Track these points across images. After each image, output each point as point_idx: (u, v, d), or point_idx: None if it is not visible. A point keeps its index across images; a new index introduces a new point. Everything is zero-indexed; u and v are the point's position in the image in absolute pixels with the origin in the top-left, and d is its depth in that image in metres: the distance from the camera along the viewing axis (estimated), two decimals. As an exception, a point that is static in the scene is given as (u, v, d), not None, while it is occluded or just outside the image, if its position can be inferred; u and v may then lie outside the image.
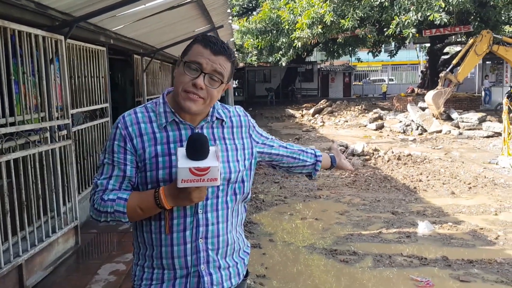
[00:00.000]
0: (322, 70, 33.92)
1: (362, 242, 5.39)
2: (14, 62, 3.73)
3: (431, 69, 23.21)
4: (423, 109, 16.49)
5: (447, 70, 16.34)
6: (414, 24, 15.51)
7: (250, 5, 30.44)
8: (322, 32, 17.69)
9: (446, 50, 27.21)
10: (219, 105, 1.64)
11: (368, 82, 36.71)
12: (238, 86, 33.12)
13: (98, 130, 5.90)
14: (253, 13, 28.80)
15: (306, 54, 29.21)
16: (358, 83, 35.90)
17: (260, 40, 21.71)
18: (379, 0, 16.50)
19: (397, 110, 19.83)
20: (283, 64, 23.07)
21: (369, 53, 27.01)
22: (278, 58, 22.65)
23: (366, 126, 16.84)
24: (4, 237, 3.57)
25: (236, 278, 1.63)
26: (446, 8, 15.25)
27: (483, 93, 21.23)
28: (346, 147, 10.95)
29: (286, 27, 19.73)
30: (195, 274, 1.52)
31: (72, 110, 4.82)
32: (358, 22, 16.86)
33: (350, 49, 25.71)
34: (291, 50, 21.09)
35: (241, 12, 29.56)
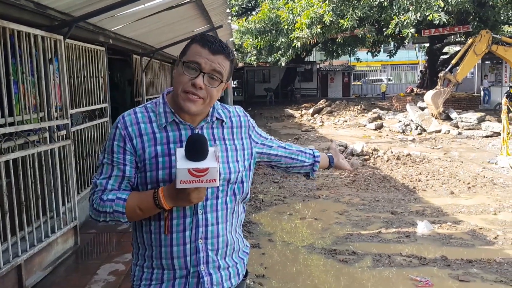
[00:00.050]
0: (321, 70, 33.93)
1: (362, 242, 5.39)
2: (13, 62, 3.72)
3: (430, 69, 23.22)
4: (422, 109, 16.50)
5: (446, 70, 16.35)
6: (413, 24, 15.51)
7: (249, 5, 30.43)
8: (321, 32, 17.69)
9: (445, 50, 27.23)
10: (219, 105, 1.64)
11: (366, 82, 36.73)
12: (237, 86, 33.15)
13: (97, 130, 5.90)
14: (252, 13, 28.79)
15: (305, 54, 29.21)
16: (357, 83, 35.92)
17: (259, 40, 21.71)
18: (378, 0, 16.51)
19: (396, 110, 19.84)
20: (283, 64, 23.06)
21: (368, 53, 27.05)
22: (278, 58, 22.65)
23: (365, 126, 16.85)
24: (3, 237, 3.56)
25: (235, 278, 1.63)
26: (445, 8, 15.26)
27: (482, 93, 21.24)
28: (345, 147, 10.95)
29: (285, 27, 19.73)
30: (195, 275, 1.52)
31: (71, 110, 4.82)
32: (357, 22, 16.86)
33: (349, 49, 25.75)
34: (290, 50, 21.09)
35: (240, 12, 29.56)
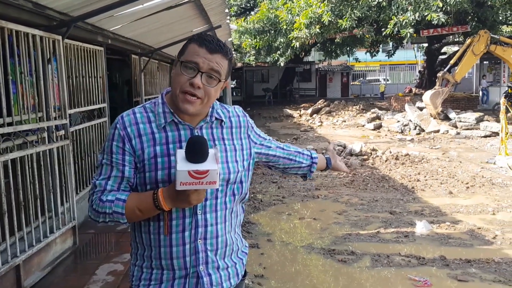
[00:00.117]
0: (320, 70, 33.93)
1: (360, 242, 5.39)
2: (12, 62, 3.72)
3: (429, 69, 23.27)
4: (421, 109, 16.52)
5: (445, 70, 16.37)
6: (412, 24, 15.54)
7: (248, 5, 30.42)
8: (320, 32, 17.71)
9: (444, 50, 27.28)
10: (218, 105, 1.64)
11: (364, 82, 36.76)
12: (236, 86, 33.13)
13: (96, 130, 5.89)
14: (251, 13, 28.81)
15: (304, 54, 29.24)
16: (356, 83, 35.95)
17: (258, 40, 21.72)
18: (377, 0, 16.52)
19: (395, 110, 19.86)
20: (281, 64, 23.07)
21: (367, 53, 27.08)
22: (276, 58, 22.66)
23: (364, 126, 16.86)
24: (1, 237, 3.56)
25: (235, 278, 1.63)
26: (443, 8, 15.28)
27: (481, 93, 21.27)
28: (344, 147, 10.95)
29: (284, 27, 19.74)
30: (194, 275, 1.52)
31: (69, 110, 4.81)
32: (356, 22, 16.88)
33: (348, 49, 25.77)
34: (289, 50, 21.10)
35: (239, 12, 29.54)
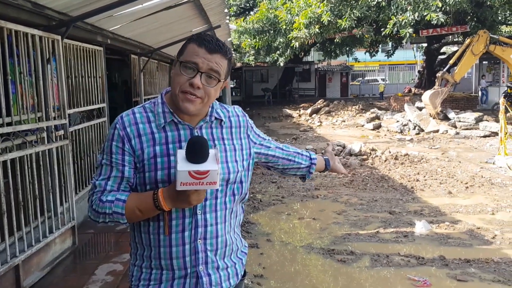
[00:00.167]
0: (320, 70, 33.92)
1: (360, 242, 5.39)
2: (11, 62, 3.72)
3: (428, 69, 23.27)
4: (420, 109, 16.53)
5: (444, 70, 16.37)
6: (411, 24, 15.54)
7: (248, 5, 30.42)
8: (320, 32, 17.71)
9: (443, 50, 27.29)
10: (218, 105, 1.63)
11: (364, 82, 36.78)
12: (235, 86, 33.12)
13: (95, 130, 5.89)
14: (250, 13, 28.80)
15: (304, 54, 29.23)
16: (355, 83, 35.95)
17: (257, 40, 21.70)
18: (376, 0, 16.53)
19: (394, 110, 19.86)
20: (281, 64, 23.06)
21: (366, 53, 27.08)
22: (276, 58, 22.66)
23: (363, 126, 16.85)
24: (1, 237, 3.56)
25: (234, 278, 1.63)
26: (443, 8, 15.29)
27: (480, 93, 21.29)
28: (344, 147, 10.95)
29: (284, 27, 19.74)
30: (194, 275, 1.52)
31: (69, 110, 4.81)
32: (355, 22, 16.88)
33: (347, 49, 25.77)
34: (289, 50, 21.09)
35: (238, 12, 29.54)
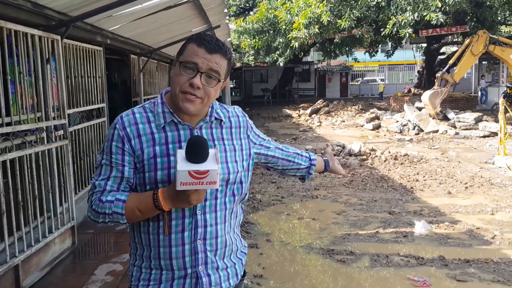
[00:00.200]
0: (319, 70, 33.94)
1: (359, 242, 5.39)
2: (10, 62, 3.71)
3: (428, 69, 23.28)
4: (420, 109, 16.53)
5: (444, 70, 16.37)
6: (411, 24, 15.54)
7: (247, 5, 30.43)
8: (319, 32, 17.71)
9: (443, 50, 27.30)
10: (218, 105, 1.63)
11: (363, 82, 36.80)
12: (235, 86, 33.12)
13: (95, 130, 5.89)
14: (250, 13, 28.82)
15: (303, 54, 29.24)
16: (354, 83, 35.97)
17: (257, 40, 21.70)
18: (376, 0, 16.53)
19: (393, 110, 19.87)
20: (281, 64, 23.06)
21: (366, 53, 27.08)
22: (275, 58, 22.65)
23: (363, 126, 16.86)
24: (0, 237, 3.55)
25: (234, 278, 1.63)
26: (442, 8, 15.29)
27: (480, 93, 21.29)
28: (343, 147, 10.95)
29: (283, 27, 19.74)
30: (193, 275, 1.52)
31: (68, 110, 4.80)
32: (355, 22, 16.88)
33: (347, 49, 25.77)
34: (288, 50, 21.10)
35: (238, 12, 29.55)
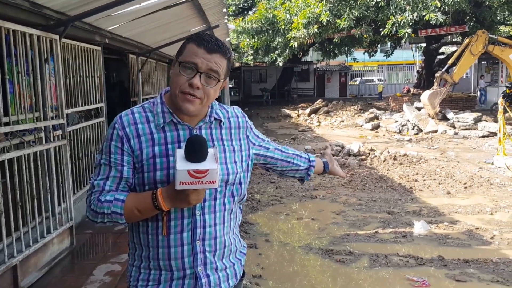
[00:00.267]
0: (318, 70, 33.96)
1: (358, 242, 5.39)
2: (9, 61, 3.70)
3: (427, 69, 23.29)
4: (419, 109, 16.54)
5: (443, 70, 16.38)
6: (410, 24, 15.55)
7: (246, 4, 30.45)
8: (318, 32, 17.71)
9: (442, 50, 27.33)
10: (217, 105, 1.63)
11: (362, 82, 36.84)
12: (234, 86, 33.12)
13: (93, 130, 5.88)
14: (249, 12, 28.85)
15: (302, 54, 29.25)
16: (352, 83, 35.99)
17: (256, 40, 21.70)
18: (375, 0, 16.53)
19: (393, 110, 19.88)
20: (280, 64, 23.06)
21: (365, 53, 27.08)
22: (274, 58, 22.65)
23: (362, 126, 16.86)
24: (-2, 238, 3.54)
25: (233, 279, 1.62)
26: (441, 8, 15.29)
27: (479, 93, 21.31)
28: (342, 147, 10.95)
29: (282, 27, 19.74)
30: (192, 276, 1.51)
31: (67, 110, 4.79)
32: (354, 22, 16.88)
33: (346, 49, 25.77)
34: (287, 50, 21.10)
35: (237, 11, 29.57)
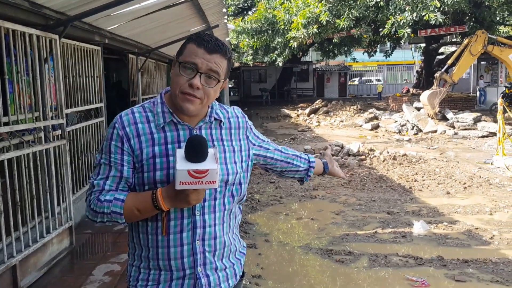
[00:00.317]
0: (318, 70, 33.97)
1: (358, 242, 5.39)
2: (8, 61, 3.70)
3: (426, 69, 23.28)
4: (419, 109, 16.54)
5: (442, 70, 16.38)
6: (409, 24, 15.54)
7: (246, 4, 30.44)
8: (318, 32, 17.70)
9: (441, 50, 27.31)
10: (217, 105, 1.62)
11: (361, 82, 36.86)
12: (233, 86, 33.12)
13: (93, 130, 5.87)
14: (248, 12, 28.84)
15: (302, 54, 29.25)
16: (351, 83, 36.00)
17: (255, 40, 21.68)
18: (375, 0, 16.53)
19: (392, 110, 19.88)
20: (279, 64, 23.05)
21: (364, 53, 27.08)
22: (274, 58, 22.64)
23: (361, 126, 16.86)
24: (-2, 237, 3.54)
25: (233, 279, 1.62)
26: (441, 8, 15.29)
27: (478, 93, 21.31)
28: (342, 147, 10.95)
29: (282, 27, 19.73)
30: (192, 276, 1.51)
31: (66, 109, 4.79)
32: (354, 22, 16.87)
33: (345, 49, 25.78)
34: (287, 50, 21.08)
35: (236, 11, 29.56)
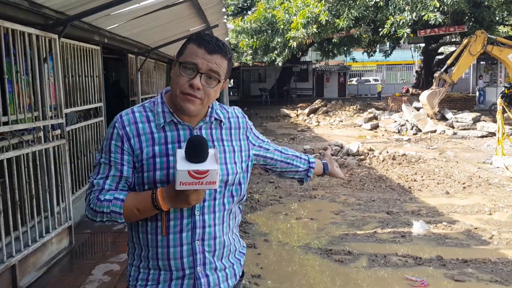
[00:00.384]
0: (317, 70, 33.97)
1: (357, 242, 5.39)
2: (8, 61, 3.70)
3: (426, 69, 23.28)
4: (418, 109, 16.55)
5: (442, 70, 16.39)
6: (409, 24, 15.54)
7: (245, 4, 30.43)
8: (317, 31, 17.70)
9: (441, 50, 27.32)
10: (218, 105, 1.62)
11: (361, 82, 36.87)
12: (233, 86, 33.12)
13: (92, 130, 5.87)
14: (248, 12, 28.83)
15: (301, 54, 29.23)
16: (351, 83, 36.01)
17: (255, 39, 21.68)
18: (374, 0, 16.53)
19: (392, 110, 19.89)
20: (279, 64, 23.04)
21: (364, 53, 27.08)
22: (273, 58, 22.63)
23: (361, 126, 16.86)
24: (-3, 237, 3.54)
25: (232, 279, 1.62)
26: (440, 8, 15.29)
27: (477, 93, 21.33)
28: (341, 147, 10.95)
29: (281, 27, 19.72)
30: (191, 276, 1.51)
31: (66, 109, 4.79)
32: (353, 22, 16.87)
33: (345, 49, 25.76)
34: (286, 49, 21.07)
35: (236, 11, 29.54)
